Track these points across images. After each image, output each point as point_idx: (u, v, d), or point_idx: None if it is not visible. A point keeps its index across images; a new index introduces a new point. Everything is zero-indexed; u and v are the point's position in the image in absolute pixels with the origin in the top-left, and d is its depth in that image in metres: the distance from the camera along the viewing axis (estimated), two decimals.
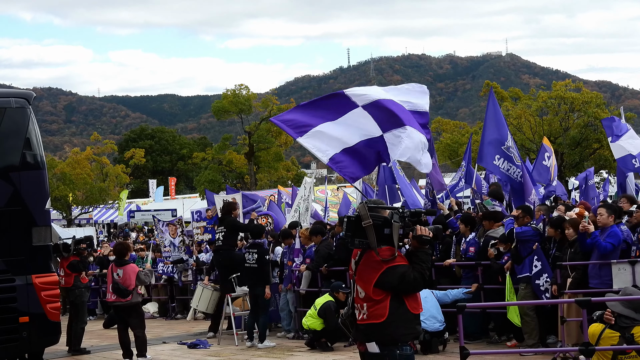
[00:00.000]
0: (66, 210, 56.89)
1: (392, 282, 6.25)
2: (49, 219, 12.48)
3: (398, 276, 6.24)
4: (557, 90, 47.13)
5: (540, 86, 77.65)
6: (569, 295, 11.69)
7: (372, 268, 6.34)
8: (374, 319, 6.29)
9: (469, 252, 14.04)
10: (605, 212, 11.87)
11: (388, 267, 6.28)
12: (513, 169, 14.77)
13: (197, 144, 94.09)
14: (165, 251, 22.13)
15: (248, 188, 56.24)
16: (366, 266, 6.40)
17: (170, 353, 15.08)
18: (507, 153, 14.64)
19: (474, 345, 13.35)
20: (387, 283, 6.26)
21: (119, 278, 14.03)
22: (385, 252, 6.32)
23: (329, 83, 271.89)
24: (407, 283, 6.26)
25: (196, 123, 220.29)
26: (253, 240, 15.49)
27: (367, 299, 6.34)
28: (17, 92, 12.65)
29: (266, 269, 15.17)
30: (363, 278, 6.40)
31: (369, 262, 6.39)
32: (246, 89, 62.38)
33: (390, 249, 6.33)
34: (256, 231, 15.65)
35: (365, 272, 6.39)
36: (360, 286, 6.42)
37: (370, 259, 6.37)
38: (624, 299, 7.73)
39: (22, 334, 11.54)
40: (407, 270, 6.29)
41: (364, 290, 6.38)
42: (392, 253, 6.31)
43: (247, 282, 15.47)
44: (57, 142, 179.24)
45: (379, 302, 6.28)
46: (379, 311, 6.28)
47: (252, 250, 15.20)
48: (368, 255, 6.41)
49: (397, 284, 6.25)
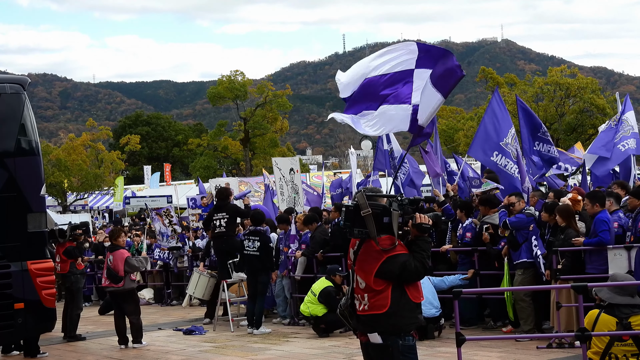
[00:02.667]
0: (61, 197, 56.85)
1: (393, 271, 6.16)
2: (44, 205, 12.44)
3: (399, 265, 6.16)
4: (552, 76, 47.14)
5: (535, 72, 77.66)
6: (562, 281, 11.70)
7: (373, 258, 6.23)
8: (376, 309, 6.21)
9: (466, 238, 14.05)
10: (588, 202, 12.03)
11: (388, 257, 6.17)
12: (510, 165, 14.80)
13: (192, 130, 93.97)
14: (158, 240, 22.18)
15: (244, 174, 56.24)
16: (366, 256, 6.30)
17: (166, 339, 15.08)
18: (505, 149, 14.66)
19: (470, 331, 13.39)
20: (388, 273, 6.16)
21: (110, 263, 14.08)
22: (385, 242, 6.21)
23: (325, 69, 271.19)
24: (409, 272, 6.18)
25: (192, 109, 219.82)
26: (254, 227, 15.23)
27: (368, 289, 6.25)
28: (11, 78, 12.56)
29: (270, 256, 15.13)
30: (363, 268, 6.30)
31: (368, 252, 6.28)
32: (242, 75, 62.40)
33: (390, 237, 6.22)
34: (258, 218, 15.47)
35: (366, 262, 6.29)
36: (361, 276, 6.32)
37: (370, 248, 6.26)
38: (615, 285, 7.70)
39: (17, 320, 11.50)
40: (408, 259, 6.20)
41: (364, 281, 6.28)
42: (392, 242, 6.20)
43: (247, 268, 15.35)
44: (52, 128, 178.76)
45: (381, 293, 6.19)
46: (380, 302, 6.20)
47: (254, 237, 15.01)
48: (367, 244, 6.30)
49: (398, 273, 6.16)
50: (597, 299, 7.79)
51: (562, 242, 12.06)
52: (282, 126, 64.34)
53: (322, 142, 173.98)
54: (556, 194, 14.26)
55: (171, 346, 14.24)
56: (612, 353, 7.44)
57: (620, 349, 7.41)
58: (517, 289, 12.64)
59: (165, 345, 14.43)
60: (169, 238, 21.64)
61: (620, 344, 7.42)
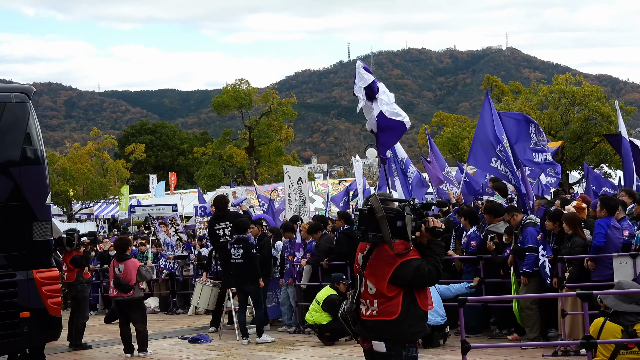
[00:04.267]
0: (67, 206, 56.87)
1: (406, 276, 6.10)
2: (49, 214, 12.45)
3: (412, 270, 6.11)
4: (557, 84, 47.07)
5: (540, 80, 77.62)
6: (568, 289, 11.68)
7: (386, 263, 6.17)
8: (386, 315, 6.15)
9: (471, 247, 14.04)
10: (599, 206, 12.00)
11: (402, 262, 6.12)
12: (508, 172, 14.82)
13: (197, 139, 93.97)
14: (162, 250, 22.24)
15: (249, 183, 56.23)
16: (378, 261, 6.22)
17: (172, 348, 15.08)
18: (501, 156, 14.66)
19: (475, 339, 13.37)
20: (401, 278, 6.11)
21: (120, 273, 14.05)
22: (399, 246, 6.15)
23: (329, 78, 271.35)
24: (422, 277, 6.13)
25: (196, 118, 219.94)
26: (238, 235, 15.16)
27: (379, 295, 6.17)
28: (17, 87, 12.61)
29: (254, 263, 14.93)
30: (375, 274, 6.22)
31: (381, 257, 6.21)
32: (246, 84, 62.40)
33: (404, 242, 6.17)
34: (241, 226, 15.32)
35: (378, 267, 6.21)
36: (372, 282, 6.23)
37: (383, 253, 6.20)
38: (621, 292, 7.69)
39: (23, 329, 11.51)
40: (422, 264, 6.15)
41: (375, 286, 6.20)
42: (406, 247, 6.15)
43: (234, 277, 15.26)
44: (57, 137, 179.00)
45: (392, 299, 6.13)
46: (391, 308, 6.13)
47: (237, 245, 14.99)
48: (380, 249, 6.23)
49: (411, 278, 6.11)
50: (603, 307, 7.78)
51: (569, 250, 12.02)
52: (287, 134, 64.32)
53: (327, 150, 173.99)
54: (562, 201, 14.24)
55: (177, 355, 14.23)
56: None
57: (625, 357, 7.40)
58: (522, 296, 12.63)
59: (170, 353, 14.42)
60: (174, 248, 21.68)
61: (626, 352, 7.41)
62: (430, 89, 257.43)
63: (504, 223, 13.67)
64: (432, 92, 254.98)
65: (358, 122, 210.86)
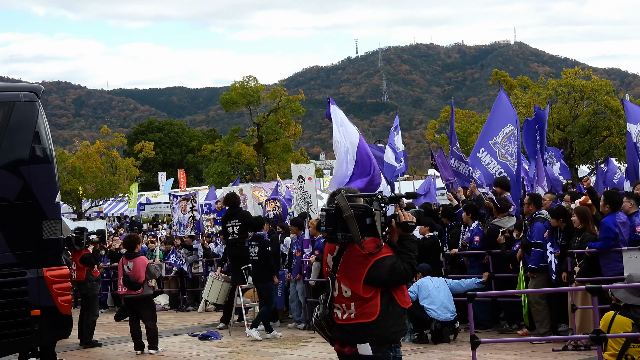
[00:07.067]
0: (76, 204, 57.04)
1: (382, 276, 5.74)
2: (59, 212, 12.47)
3: (387, 269, 5.75)
4: (566, 78, 46.96)
5: (549, 74, 77.41)
6: (578, 283, 11.65)
7: (358, 263, 5.80)
8: (364, 317, 5.79)
9: (474, 242, 14.02)
10: (602, 200, 11.95)
11: (375, 260, 5.76)
12: (493, 164, 14.80)
13: (206, 136, 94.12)
14: (174, 230, 22.39)
15: (257, 180, 56.30)
16: (350, 262, 5.85)
17: (182, 345, 15.11)
18: (493, 148, 14.67)
19: (485, 334, 13.36)
20: (376, 278, 5.75)
21: (129, 270, 14.08)
22: (370, 245, 5.78)
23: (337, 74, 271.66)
24: (398, 275, 5.78)
25: (205, 115, 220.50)
26: (254, 233, 15.44)
27: (356, 297, 5.81)
28: (25, 86, 12.62)
29: (268, 261, 15.15)
30: (349, 276, 5.84)
31: (352, 257, 5.84)
32: (254, 81, 62.39)
33: (375, 240, 5.80)
34: (256, 224, 15.56)
35: (350, 269, 5.84)
36: (346, 284, 5.85)
37: (354, 253, 5.82)
38: (631, 286, 7.68)
39: (33, 327, 11.53)
40: (396, 262, 5.79)
41: (350, 289, 5.83)
42: (377, 244, 5.79)
43: (252, 274, 15.56)
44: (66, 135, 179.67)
45: (369, 300, 5.78)
46: (369, 309, 5.78)
47: (254, 243, 15.26)
48: (350, 249, 5.84)
49: (387, 277, 5.75)
50: (614, 299, 7.77)
51: (579, 245, 11.97)
52: (295, 131, 64.33)
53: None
54: (572, 196, 14.15)
55: (187, 351, 14.26)
56: (628, 354, 7.42)
57: (636, 350, 7.39)
58: (532, 291, 12.60)
59: (181, 350, 14.45)
60: (185, 227, 21.82)
61: (636, 346, 7.40)
62: (439, 84, 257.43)
63: (509, 218, 13.65)
64: (441, 87, 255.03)
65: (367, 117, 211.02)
